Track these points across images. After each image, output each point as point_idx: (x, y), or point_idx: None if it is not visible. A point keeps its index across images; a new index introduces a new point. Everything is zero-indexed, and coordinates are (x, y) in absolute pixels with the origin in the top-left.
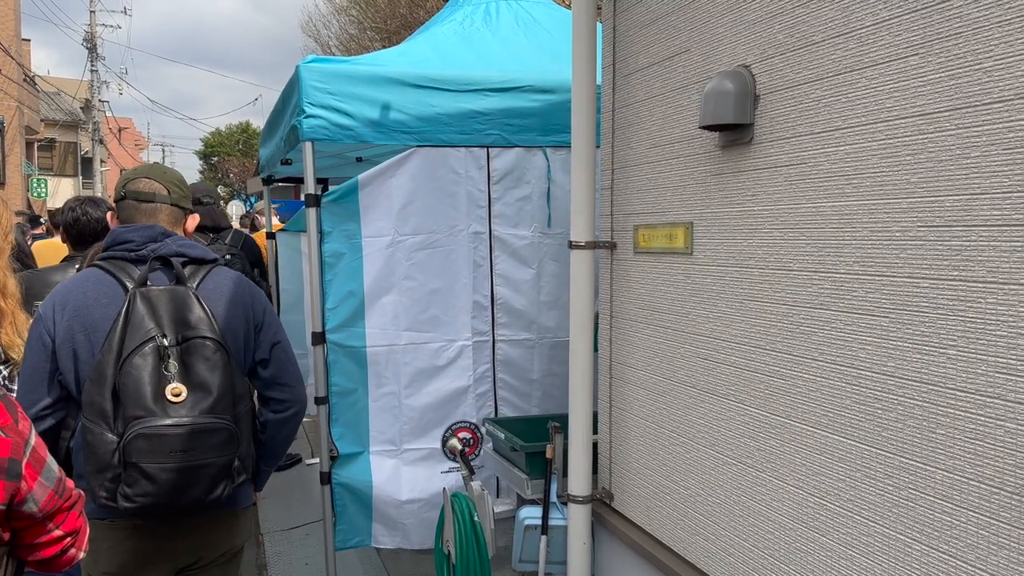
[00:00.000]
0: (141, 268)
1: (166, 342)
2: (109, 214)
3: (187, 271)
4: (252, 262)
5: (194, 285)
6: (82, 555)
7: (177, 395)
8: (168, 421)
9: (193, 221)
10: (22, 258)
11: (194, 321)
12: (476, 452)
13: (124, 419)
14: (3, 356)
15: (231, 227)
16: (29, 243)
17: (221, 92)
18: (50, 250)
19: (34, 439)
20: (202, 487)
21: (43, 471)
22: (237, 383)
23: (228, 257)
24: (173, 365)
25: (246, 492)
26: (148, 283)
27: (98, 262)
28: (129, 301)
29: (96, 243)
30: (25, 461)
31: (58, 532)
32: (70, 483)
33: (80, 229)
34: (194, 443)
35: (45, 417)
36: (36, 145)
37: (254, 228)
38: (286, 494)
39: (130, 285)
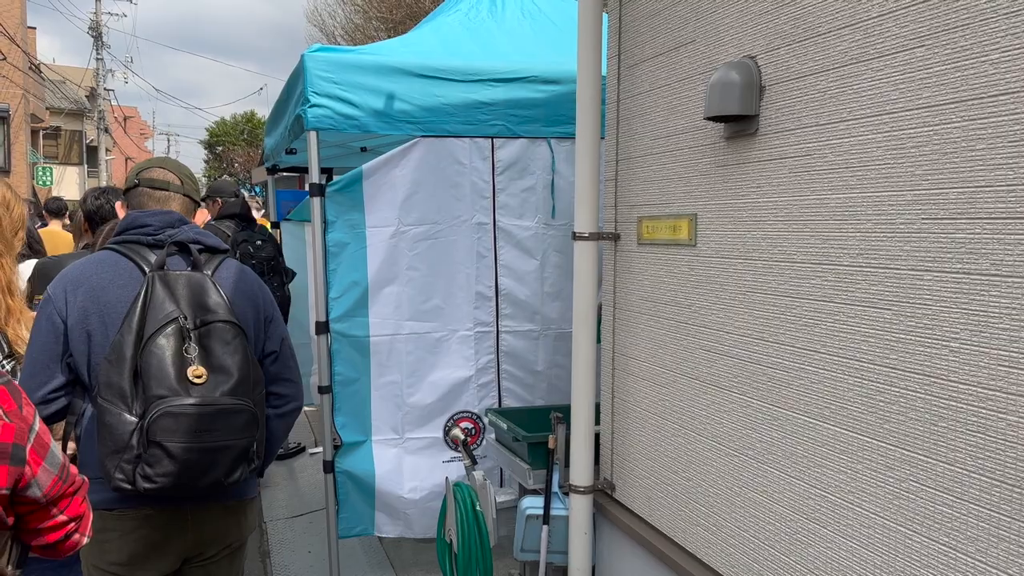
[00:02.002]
0: (158, 252)
1: (188, 324)
2: (118, 204)
3: (202, 259)
4: (276, 251)
5: (209, 272)
6: (86, 540)
7: (199, 377)
8: (192, 400)
9: (202, 215)
10: (32, 244)
11: (212, 305)
12: (478, 442)
13: (145, 399)
14: (7, 350)
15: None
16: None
17: (226, 81)
18: (48, 239)
19: (38, 425)
20: (223, 469)
21: (47, 457)
22: (253, 368)
23: (259, 243)
24: (193, 348)
25: (252, 483)
26: (165, 267)
27: (112, 245)
28: (149, 283)
29: (105, 225)
30: (29, 447)
31: (62, 517)
32: (74, 469)
33: (103, 217)
34: (219, 423)
35: (55, 399)
36: (41, 133)
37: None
38: (290, 482)
39: (147, 268)
